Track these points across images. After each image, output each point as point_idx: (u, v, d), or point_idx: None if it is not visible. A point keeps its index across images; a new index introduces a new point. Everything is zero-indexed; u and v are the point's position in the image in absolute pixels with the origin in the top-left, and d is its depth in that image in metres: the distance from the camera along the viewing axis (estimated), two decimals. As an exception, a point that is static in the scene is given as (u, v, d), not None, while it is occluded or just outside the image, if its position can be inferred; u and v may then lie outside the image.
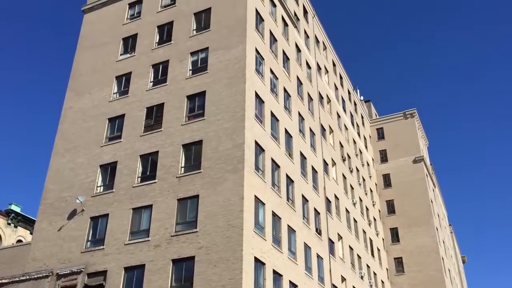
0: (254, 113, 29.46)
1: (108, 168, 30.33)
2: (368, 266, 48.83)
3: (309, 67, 45.41)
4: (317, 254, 34.66)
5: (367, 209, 55.53)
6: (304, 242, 32.64)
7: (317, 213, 37.27)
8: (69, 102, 34.97)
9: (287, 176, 32.67)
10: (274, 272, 26.87)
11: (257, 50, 32.32)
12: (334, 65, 56.77)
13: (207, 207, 25.67)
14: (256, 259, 24.94)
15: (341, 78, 58.85)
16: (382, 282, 53.47)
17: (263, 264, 25.78)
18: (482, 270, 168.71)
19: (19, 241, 49.78)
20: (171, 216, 26.34)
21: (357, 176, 54.38)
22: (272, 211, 28.58)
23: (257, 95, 30.50)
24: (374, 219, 57.69)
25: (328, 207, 40.55)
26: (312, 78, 45.40)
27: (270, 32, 36.15)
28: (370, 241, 52.88)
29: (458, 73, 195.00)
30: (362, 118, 66.58)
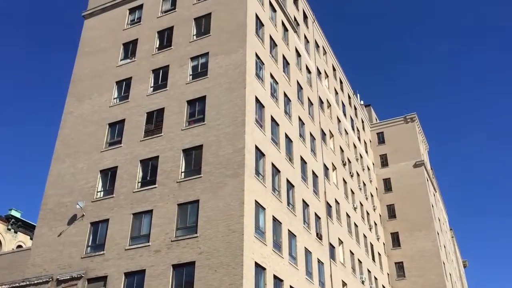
0: (255, 117, 29.48)
1: (108, 173, 30.33)
2: (369, 271, 48.72)
3: (309, 72, 45.47)
4: (317, 259, 34.59)
5: (368, 213, 55.45)
6: (304, 247, 32.58)
7: (317, 217, 37.22)
8: (69, 107, 35.01)
9: (288, 180, 32.64)
10: (275, 277, 26.80)
11: (257, 55, 32.38)
12: (334, 69, 56.85)
13: (208, 212, 25.64)
14: (256, 264, 24.88)
15: (341, 82, 58.92)
16: (383, 287, 53.32)
17: (264, 269, 25.71)
18: (484, 275, 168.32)
19: (19, 246, 49.71)
20: (172, 221, 26.31)
21: (357, 180, 54.34)
22: (272, 216, 28.54)
23: (257, 100, 30.53)
24: (375, 224, 57.60)
25: (328, 212, 40.50)
26: (312, 82, 45.45)
27: (270, 37, 36.23)
28: (371, 245, 52.78)
29: (458, 77, 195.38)
30: (363, 122, 66.60)
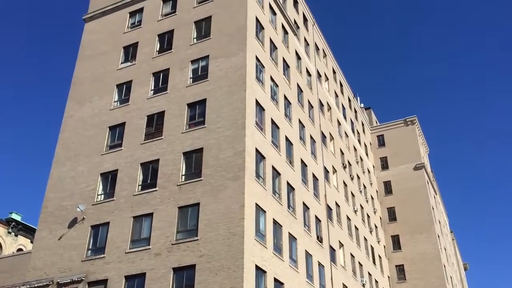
0: (255, 120, 29.49)
1: (108, 176, 30.32)
2: (369, 274, 48.65)
3: (309, 75, 45.52)
4: (318, 262, 34.55)
5: (368, 216, 55.41)
6: (305, 250, 32.55)
7: (318, 220, 37.20)
8: (70, 110, 35.03)
9: (288, 183, 32.64)
10: (275, 280, 26.76)
11: (257, 58, 32.42)
12: (334, 72, 56.91)
13: (208, 215, 25.63)
14: (257, 267, 24.86)
15: (341, 85, 58.97)
16: (384, 289, 53.23)
17: (264, 272, 25.69)
18: (484, 278, 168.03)
19: (20, 249, 49.64)
20: (172, 224, 26.30)
21: (358, 183, 54.32)
22: (273, 219, 28.52)
23: (257, 103, 30.56)
24: (375, 227, 57.55)
25: (329, 215, 40.48)
26: (312, 85, 45.49)
27: (270, 40, 36.29)
28: (372, 248, 52.72)
29: (458, 77, 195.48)
30: (363, 125, 66.63)
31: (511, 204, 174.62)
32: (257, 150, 28.64)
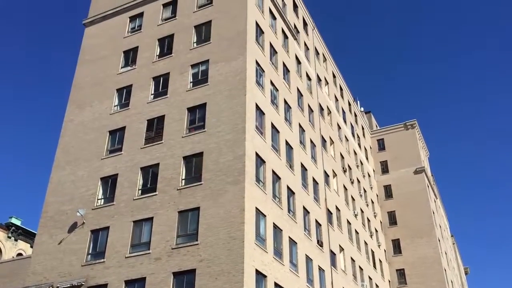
0: (255, 124, 29.50)
1: (108, 180, 30.30)
2: (370, 278, 48.54)
3: (309, 79, 45.56)
4: (318, 266, 34.47)
5: (369, 220, 55.34)
6: (305, 254, 32.49)
7: (318, 224, 37.14)
8: (70, 115, 35.05)
9: (288, 187, 32.61)
10: (276, 284, 26.69)
11: (257, 62, 32.46)
12: (334, 76, 56.96)
13: (208, 219, 25.59)
14: (257, 272, 24.80)
15: (341, 89, 59.01)
16: (385, 294, 53.11)
17: (265, 276, 25.62)
18: (485, 282, 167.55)
19: (20, 254, 49.59)
20: (172, 228, 26.26)
21: (358, 187, 54.28)
22: (273, 223, 28.48)
23: (257, 107, 30.58)
24: (376, 231, 57.45)
25: (329, 219, 40.42)
26: (312, 89, 45.53)
27: (270, 44, 36.34)
28: (372, 252, 52.62)
29: (458, 79, 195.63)
30: (363, 129, 66.64)
31: (511, 203, 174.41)
32: (257, 154, 28.63)
